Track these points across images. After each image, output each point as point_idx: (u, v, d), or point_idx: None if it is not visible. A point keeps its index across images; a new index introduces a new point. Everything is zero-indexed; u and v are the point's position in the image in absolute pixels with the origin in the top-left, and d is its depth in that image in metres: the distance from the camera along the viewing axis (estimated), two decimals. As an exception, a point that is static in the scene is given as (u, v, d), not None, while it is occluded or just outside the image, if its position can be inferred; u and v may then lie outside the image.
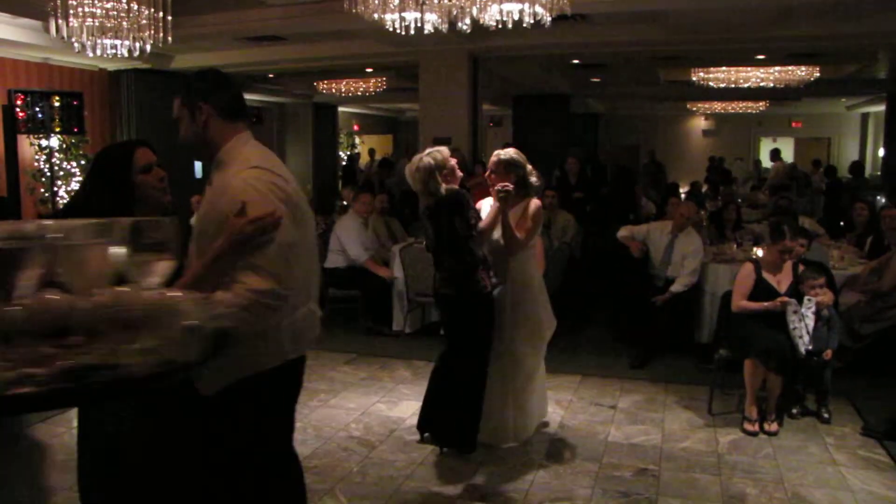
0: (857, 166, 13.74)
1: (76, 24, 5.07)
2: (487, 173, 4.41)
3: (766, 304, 4.76)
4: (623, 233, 6.54)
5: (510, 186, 4.19)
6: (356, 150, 20.06)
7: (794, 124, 19.34)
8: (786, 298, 4.69)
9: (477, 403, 4.30)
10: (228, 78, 2.51)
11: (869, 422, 4.74)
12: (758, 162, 18.29)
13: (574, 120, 15.37)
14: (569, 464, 4.22)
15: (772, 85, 11.28)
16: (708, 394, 5.11)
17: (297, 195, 2.39)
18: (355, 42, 8.60)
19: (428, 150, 4.18)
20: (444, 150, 4.19)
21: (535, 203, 4.39)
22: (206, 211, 2.39)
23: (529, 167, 4.39)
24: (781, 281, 4.90)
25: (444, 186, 4.10)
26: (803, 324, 4.60)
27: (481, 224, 4.20)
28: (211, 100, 2.42)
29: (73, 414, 5.03)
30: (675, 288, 5.97)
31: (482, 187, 4.83)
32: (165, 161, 2.56)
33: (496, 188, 4.19)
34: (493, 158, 4.40)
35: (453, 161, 4.21)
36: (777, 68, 10.74)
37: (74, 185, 7.95)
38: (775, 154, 15.40)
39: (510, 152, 4.39)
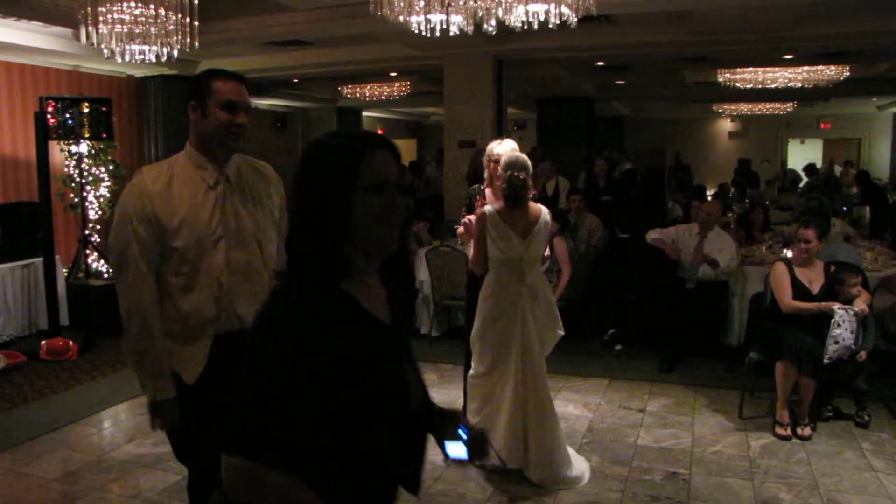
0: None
1: (106, 31, 5.13)
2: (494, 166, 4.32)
3: (821, 304, 4.65)
4: (654, 235, 6.46)
5: (470, 218, 4.32)
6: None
7: (822, 125, 18.99)
8: (838, 305, 4.57)
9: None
10: None
11: (906, 426, 4.64)
12: (784, 163, 18.07)
13: (599, 123, 15.26)
14: (598, 467, 4.17)
15: (800, 85, 11.09)
16: (738, 397, 5.05)
17: None
18: (380, 46, 8.61)
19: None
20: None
21: (478, 212, 4.09)
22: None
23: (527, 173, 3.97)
24: (813, 282, 4.83)
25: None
26: (845, 331, 4.48)
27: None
28: None
29: (104, 415, 5.09)
30: (717, 266, 5.92)
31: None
32: None
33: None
34: (503, 155, 4.17)
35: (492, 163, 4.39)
36: (805, 68, 10.54)
37: (103, 191, 8.00)
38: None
39: (514, 155, 4.04)
